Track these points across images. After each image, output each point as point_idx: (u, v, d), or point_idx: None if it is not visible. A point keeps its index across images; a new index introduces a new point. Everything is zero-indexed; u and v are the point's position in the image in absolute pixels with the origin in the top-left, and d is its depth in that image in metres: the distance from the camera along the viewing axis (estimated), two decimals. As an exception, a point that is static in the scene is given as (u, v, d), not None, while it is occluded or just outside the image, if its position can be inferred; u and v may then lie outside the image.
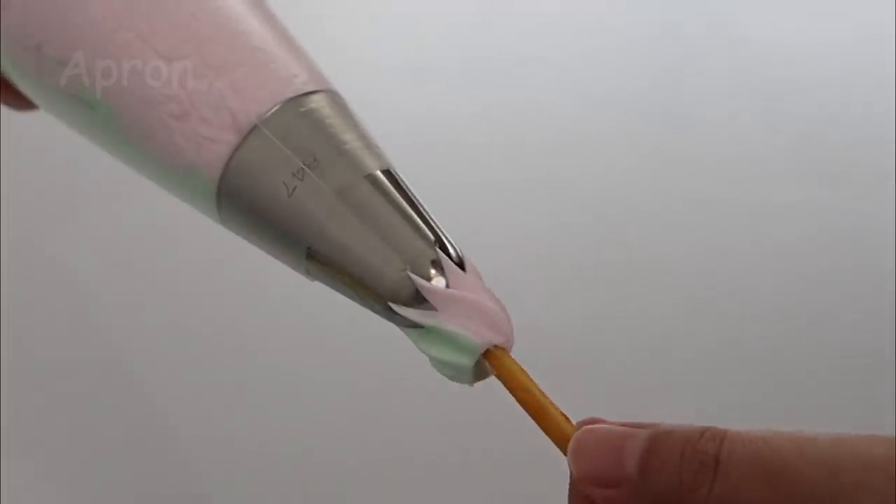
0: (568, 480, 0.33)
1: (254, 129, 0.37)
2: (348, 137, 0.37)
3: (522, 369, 0.35)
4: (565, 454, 0.33)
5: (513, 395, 0.35)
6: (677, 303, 0.79)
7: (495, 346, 0.35)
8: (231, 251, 0.72)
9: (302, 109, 0.37)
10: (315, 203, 0.36)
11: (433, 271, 0.35)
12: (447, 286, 0.35)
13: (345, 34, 0.87)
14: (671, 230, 0.83)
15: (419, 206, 0.37)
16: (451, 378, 0.36)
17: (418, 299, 0.35)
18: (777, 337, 0.79)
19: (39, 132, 0.65)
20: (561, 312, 0.76)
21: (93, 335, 0.74)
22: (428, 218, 0.36)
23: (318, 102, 0.38)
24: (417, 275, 0.35)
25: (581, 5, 0.92)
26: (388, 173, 0.37)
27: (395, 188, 0.37)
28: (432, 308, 0.35)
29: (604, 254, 0.81)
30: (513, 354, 0.36)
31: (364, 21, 0.88)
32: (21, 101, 0.43)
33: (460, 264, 0.36)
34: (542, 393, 0.34)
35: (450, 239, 0.36)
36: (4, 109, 0.45)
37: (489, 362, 0.35)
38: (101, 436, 0.70)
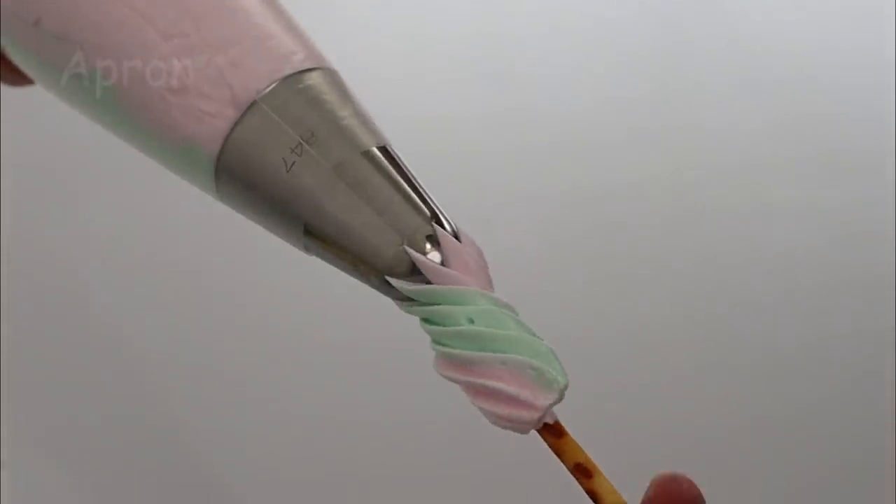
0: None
1: (253, 104, 0.37)
2: (345, 114, 0.38)
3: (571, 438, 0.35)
4: None
5: (564, 458, 0.35)
6: (676, 301, 0.79)
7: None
8: (236, 240, 0.72)
9: (300, 86, 0.38)
10: (313, 178, 0.36)
11: (429, 246, 0.36)
12: (443, 261, 0.36)
13: (344, 38, 0.87)
14: (670, 229, 0.83)
15: (415, 182, 0.37)
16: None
17: (415, 273, 0.36)
18: (777, 336, 0.79)
19: (39, 121, 0.65)
20: (561, 313, 0.76)
21: (96, 331, 0.74)
22: (424, 194, 0.37)
23: (315, 79, 0.38)
24: (414, 249, 0.35)
25: (580, 5, 0.92)
26: (385, 149, 0.37)
27: (392, 164, 0.37)
28: (427, 282, 0.36)
29: (603, 253, 0.81)
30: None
31: (361, 23, 0.88)
32: (17, 77, 0.44)
33: (456, 239, 0.36)
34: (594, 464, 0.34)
35: (445, 214, 0.37)
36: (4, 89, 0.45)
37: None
38: (104, 434, 0.70)
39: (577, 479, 0.34)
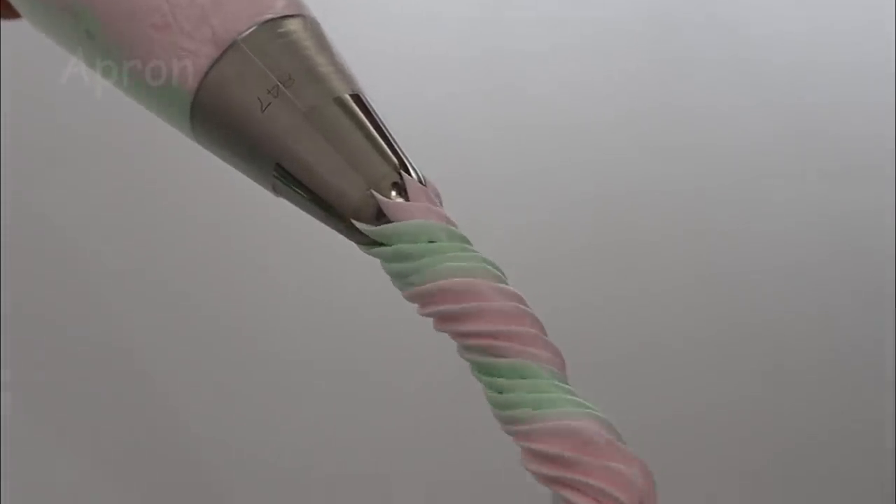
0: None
1: (233, 44, 0.38)
2: (322, 60, 0.39)
3: None
4: None
5: None
6: (673, 297, 0.80)
7: None
8: (241, 238, 0.72)
9: (280, 30, 0.39)
10: (287, 120, 0.37)
11: (394, 193, 0.37)
12: None
13: (341, 32, 0.86)
14: (667, 224, 0.83)
15: (385, 130, 0.38)
16: None
17: (380, 218, 0.36)
18: (775, 332, 0.79)
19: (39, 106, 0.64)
20: (557, 306, 0.77)
21: (95, 321, 0.74)
22: (393, 142, 0.38)
23: (295, 26, 0.39)
24: (380, 194, 0.36)
25: (584, 16, 0.91)
26: (358, 97, 0.38)
27: (364, 112, 0.38)
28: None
29: (601, 248, 0.81)
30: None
31: (356, 19, 0.88)
32: (6, 10, 0.45)
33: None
34: None
35: (413, 164, 0.38)
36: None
37: None
38: (102, 425, 0.70)
39: None
